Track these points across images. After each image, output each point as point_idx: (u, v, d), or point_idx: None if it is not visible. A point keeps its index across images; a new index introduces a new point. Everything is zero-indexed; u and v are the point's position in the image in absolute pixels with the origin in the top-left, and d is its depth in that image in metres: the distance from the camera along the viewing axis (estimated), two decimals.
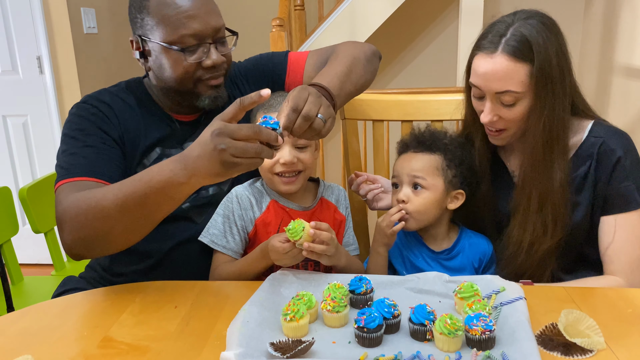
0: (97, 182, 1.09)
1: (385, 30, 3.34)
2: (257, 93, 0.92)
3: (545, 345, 0.86)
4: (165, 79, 1.20)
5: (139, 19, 1.18)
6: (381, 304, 0.91)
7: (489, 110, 1.14)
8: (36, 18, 2.75)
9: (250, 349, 0.82)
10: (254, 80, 1.35)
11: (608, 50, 2.96)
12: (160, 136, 1.24)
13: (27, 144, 2.97)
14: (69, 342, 0.92)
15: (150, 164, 1.21)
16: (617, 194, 1.14)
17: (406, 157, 1.25)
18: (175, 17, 1.13)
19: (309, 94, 0.99)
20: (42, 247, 1.87)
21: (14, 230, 1.74)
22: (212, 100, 1.21)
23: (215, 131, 0.89)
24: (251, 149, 0.89)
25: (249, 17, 3.66)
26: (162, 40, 1.15)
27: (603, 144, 1.14)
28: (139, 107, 1.25)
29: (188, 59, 1.15)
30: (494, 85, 1.10)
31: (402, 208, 1.19)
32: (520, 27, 1.09)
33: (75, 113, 1.20)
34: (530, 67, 1.08)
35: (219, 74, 1.20)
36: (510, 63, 1.08)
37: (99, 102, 1.21)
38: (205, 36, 1.16)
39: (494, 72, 1.09)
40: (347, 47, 1.30)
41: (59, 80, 2.86)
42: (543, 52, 1.07)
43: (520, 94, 1.10)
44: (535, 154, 1.14)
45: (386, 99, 1.60)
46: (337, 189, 1.32)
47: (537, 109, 1.11)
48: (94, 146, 1.15)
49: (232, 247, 1.20)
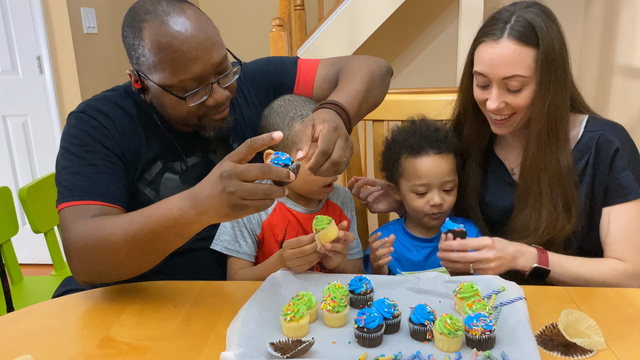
0: (101, 205, 1.07)
1: (385, 30, 3.34)
2: (269, 135, 0.88)
3: (545, 345, 0.86)
4: (168, 114, 1.16)
5: (135, 53, 1.09)
6: (381, 304, 0.91)
7: (495, 96, 1.14)
8: (36, 18, 2.75)
9: (250, 349, 0.82)
10: (259, 85, 1.31)
11: (608, 50, 2.96)
12: (161, 149, 1.19)
13: (27, 144, 2.97)
14: (69, 342, 0.92)
15: (152, 178, 1.19)
16: (616, 185, 1.16)
17: (430, 162, 1.24)
18: (173, 61, 1.05)
19: (338, 137, 0.96)
20: (42, 247, 1.87)
21: (14, 230, 1.74)
22: (218, 130, 1.17)
23: (224, 173, 0.87)
24: (260, 192, 0.86)
25: (249, 17, 3.66)
26: (161, 83, 1.08)
27: (601, 136, 1.17)
28: (139, 117, 1.19)
29: (190, 103, 1.10)
30: (502, 70, 1.12)
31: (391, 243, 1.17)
32: (523, 13, 1.12)
33: (75, 125, 1.14)
34: (535, 51, 1.10)
35: (223, 108, 1.15)
36: (517, 47, 1.10)
37: (98, 113, 1.15)
38: (207, 76, 1.09)
39: (502, 57, 1.11)
40: (364, 63, 1.25)
41: (59, 80, 2.86)
42: (547, 37, 1.10)
43: (527, 79, 1.12)
44: (541, 138, 1.15)
45: (386, 98, 1.59)
46: (343, 192, 1.32)
47: (541, 94, 1.13)
48: (96, 165, 1.11)
49: (245, 251, 1.19)
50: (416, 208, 1.25)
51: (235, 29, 3.60)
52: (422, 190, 1.24)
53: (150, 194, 1.18)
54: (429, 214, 1.25)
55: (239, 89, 1.30)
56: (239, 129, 1.27)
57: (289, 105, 1.20)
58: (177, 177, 1.20)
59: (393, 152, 1.30)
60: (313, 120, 0.99)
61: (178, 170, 1.21)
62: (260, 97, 1.30)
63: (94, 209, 1.06)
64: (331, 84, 1.27)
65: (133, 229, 0.97)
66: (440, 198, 1.23)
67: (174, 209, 0.94)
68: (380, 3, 3.05)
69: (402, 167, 1.27)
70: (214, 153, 1.25)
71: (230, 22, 3.64)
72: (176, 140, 1.21)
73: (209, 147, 1.24)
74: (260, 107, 1.28)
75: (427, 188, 1.24)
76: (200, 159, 1.23)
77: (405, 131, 1.30)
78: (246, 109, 1.29)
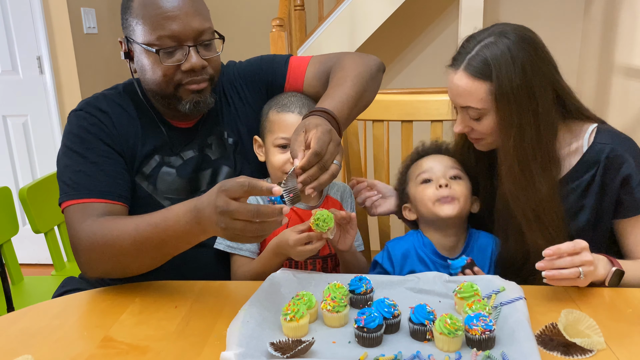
0: (105, 203, 1.11)
1: (385, 30, 3.34)
2: (268, 188, 0.89)
3: (545, 345, 0.87)
4: (147, 81, 1.18)
5: (125, 20, 1.16)
6: (381, 304, 0.91)
7: (459, 121, 1.21)
8: (36, 18, 2.75)
9: (250, 349, 0.82)
10: (252, 82, 1.32)
11: (608, 50, 2.96)
12: (157, 144, 1.21)
13: (27, 144, 2.97)
14: (69, 342, 0.92)
15: (149, 173, 1.20)
16: (631, 199, 1.15)
17: (431, 158, 1.29)
18: (154, 17, 1.10)
19: (330, 140, 0.97)
20: (42, 247, 1.87)
21: (14, 230, 1.74)
22: (194, 105, 1.16)
23: (218, 208, 0.89)
24: (249, 232, 0.90)
25: (249, 17, 3.66)
26: (142, 41, 1.12)
27: (611, 151, 1.15)
28: (136, 113, 1.22)
29: (165, 61, 1.12)
30: (458, 99, 1.17)
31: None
32: (486, 47, 1.11)
33: (75, 123, 1.17)
34: (489, 85, 1.11)
35: (200, 78, 1.15)
36: (469, 81, 1.13)
37: (96, 110, 1.18)
38: (185, 38, 1.11)
39: (457, 87, 1.15)
40: (354, 63, 1.24)
41: (59, 80, 2.86)
42: (504, 72, 1.09)
43: (482, 110, 1.14)
44: (513, 173, 1.15)
45: (386, 99, 1.60)
46: (342, 186, 1.34)
47: (504, 127, 1.13)
48: (97, 162, 1.13)
49: (248, 248, 1.20)
50: (426, 197, 1.24)
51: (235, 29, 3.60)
52: (427, 177, 1.25)
53: (148, 188, 1.20)
54: (440, 199, 1.22)
55: (233, 85, 1.31)
56: (234, 124, 1.29)
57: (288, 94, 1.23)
58: (174, 170, 1.22)
59: (402, 179, 1.35)
60: (305, 126, 1.00)
61: (174, 164, 1.22)
62: (253, 94, 1.31)
63: (98, 207, 1.10)
64: (321, 81, 1.28)
65: (141, 236, 1.01)
66: (445, 180, 1.23)
67: (181, 222, 0.97)
68: (380, 3, 3.04)
69: (408, 174, 1.32)
70: (209, 148, 1.26)
71: (230, 22, 3.63)
72: (173, 135, 1.23)
73: (204, 142, 1.26)
74: (254, 104, 1.31)
75: (431, 175, 1.25)
76: (196, 153, 1.24)
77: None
78: (240, 105, 1.30)
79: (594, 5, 3.22)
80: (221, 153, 1.27)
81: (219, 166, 1.26)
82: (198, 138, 1.25)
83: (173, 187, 1.21)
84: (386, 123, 1.69)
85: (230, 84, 1.32)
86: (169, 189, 1.21)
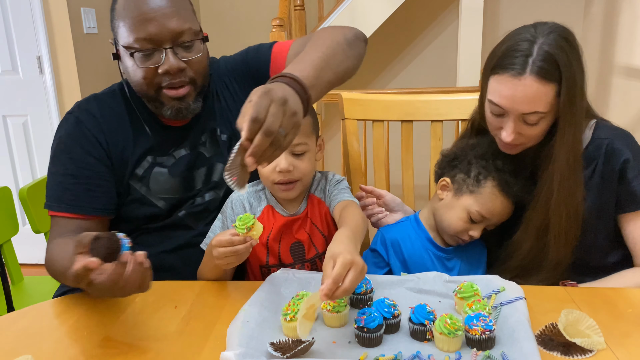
0: (75, 218, 1.16)
1: (385, 30, 3.34)
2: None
3: (545, 345, 0.86)
4: (132, 83, 1.18)
5: (111, 21, 1.17)
6: (381, 304, 0.91)
7: (511, 129, 1.10)
8: (36, 18, 2.74)
9: (250, 349, 0.82)
10: (241, 76, 1.30)
11: (608, 50, 2.96)
12: (150, 144, 1.21)
13: (27, 144, 2.97)
14: (69, 342, 0.92)
15: (142, 174, 1.20)
16: (629, 193, 1.14)
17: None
18: (132, 19, 1.10)
19: (271, 101, 0.83)
20: (42, 247, 1.84)
21: (14, 230, 1.74)
22: (176, 112, 1.16)
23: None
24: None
25: (249, 17, 3.66)
26: (123, 43, 1.13)
27: (609, 145, 1.14)
28: (128, 115, 1.22)
29: (143, 64, 1.11)
30: (522, 107, 1.07)
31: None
32: (544, 44, 1.05)
33: (64, 127, 1.21)
34: (557, 86, 1.06)
35: (178, 82, 1.13)
36: (540, 85, 1.04)
37: (88, 115, 1.19)
38: (162, 40, 1.10)
39: (524, 95, 1.06)
40: (325, 32, 1.19)
41: (59, 80, 2.85)
42: (569, 71, 1.05)
43: (546, 114, 1.08)
44: (564, 174, 1.12)
45: (386, 99, 1.60)
46: (323, 179, 1.24)
47: (564, 128, 1.10)
48: (75, 175, 1.17)
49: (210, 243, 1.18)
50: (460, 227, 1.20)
51: (235, 29, 3.60)
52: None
53: (141, 189, 1.21)
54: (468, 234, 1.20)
55: (221, 80, 1.30)
56: (226, 120, 1.27)
57: None
58: (166, 170, 1.22)
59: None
60: (250, 95, 0.86)
61: (167, 164, 1.22)
62: (242, 86, 1.29)
63: (68, 223, 1.16)
64: None
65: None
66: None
67: None
68: (380, 3, 3.05)
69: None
70: (203, 145, 1.26)
71: (230, 22, 3.64)
72: (165, 135, 1.23)
73: (198, 140, 1.25)
74: (245, 98, 1.26)
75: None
76: (189, 152, 1.24)
77: None
78: (230, 100, 1.29)
79: (594, 5, 3.22)
80: (215, 150, 1.26)
81: (214, 163, 1.25)
82: (191, 136, 1.25)
83: (166, 187, 1.21)
84: (386, 123, 1.69)
85: (220, 79, 1.30)
86: (162, 188, 1.21)
